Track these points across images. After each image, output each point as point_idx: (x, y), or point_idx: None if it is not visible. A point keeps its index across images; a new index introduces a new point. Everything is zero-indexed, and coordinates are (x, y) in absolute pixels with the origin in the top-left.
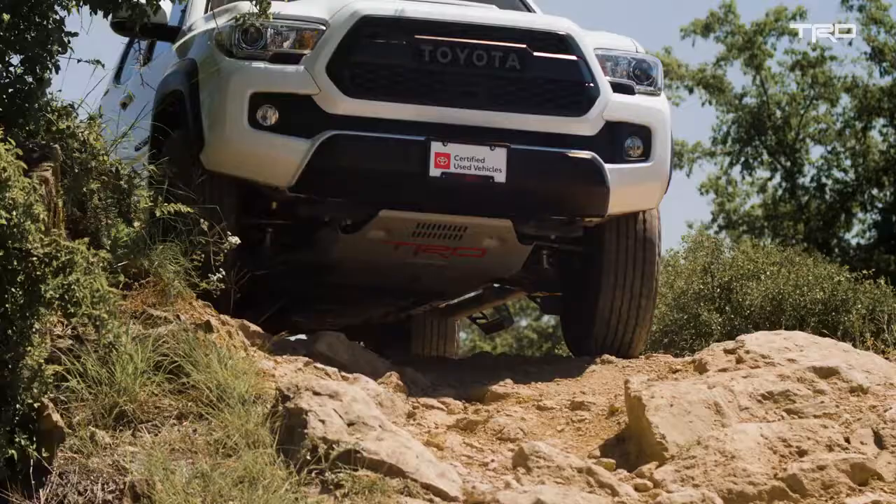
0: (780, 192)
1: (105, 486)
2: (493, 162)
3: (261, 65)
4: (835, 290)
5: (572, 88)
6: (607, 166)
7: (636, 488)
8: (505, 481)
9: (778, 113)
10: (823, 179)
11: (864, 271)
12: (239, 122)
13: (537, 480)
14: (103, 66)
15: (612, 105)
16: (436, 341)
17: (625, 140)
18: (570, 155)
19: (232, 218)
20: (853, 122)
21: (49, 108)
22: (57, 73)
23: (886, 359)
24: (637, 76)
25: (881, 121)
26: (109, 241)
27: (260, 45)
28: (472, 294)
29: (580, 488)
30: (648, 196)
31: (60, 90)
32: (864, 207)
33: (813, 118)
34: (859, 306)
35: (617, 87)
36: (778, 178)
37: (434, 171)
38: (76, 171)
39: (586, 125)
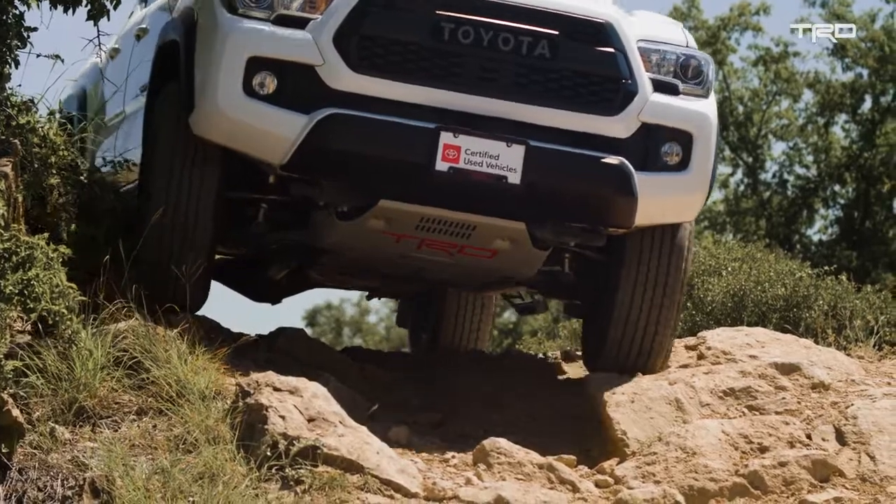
0: (741, 187)
1: (65, 481)
2: (507, 160)
3: (263, 26)
4: (796, 286)
5: (606, 84)
6: (637, 174)
7: (597, 484)
8: (466, 477)
9: (740, 108)
10: (785, 175)
11: (826, 267)
12: (233, 88)
13: (498, 477)
14: (62, 61)
15: (651, 105)
16: (471, 313)
17: (661, 146)
18: (596, 158)
19: (211, 197)
20: (815, 117)
21: (9, 103)
22: (17, 67)
23: (848, 355)
24: (683, 74)
25: (843, 116)
26: (69, 237)
27: (265, 2)
28: None
29: (541, 485)
30: (682, 209)
31: (20, 85)
32: (826, 203)
33: (775, 114)
34: (821, 302)
35: (659, 86)
36: (740, 173)
37: (440, 165)
38: (36, 166)
39: (618, 126)
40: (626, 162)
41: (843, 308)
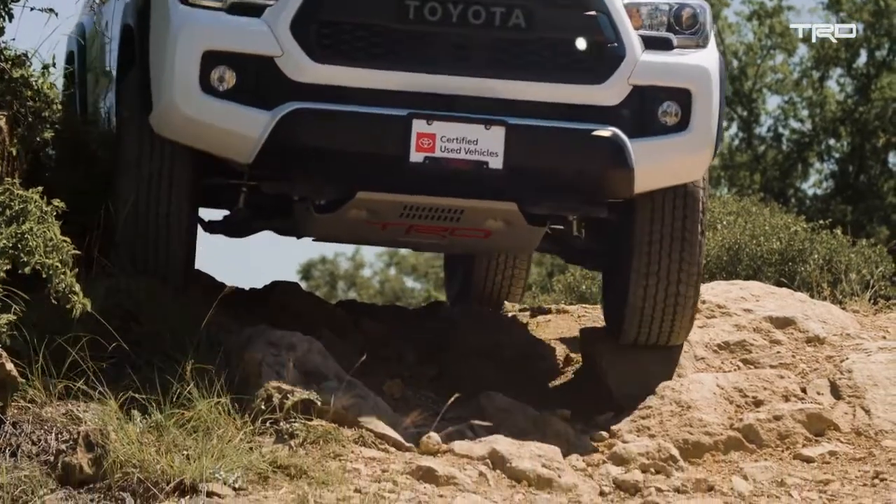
0: (736, 141)
1: (59, 435)
2: (487, 144)
3: (217, 16)
4: (791, 240)
5: (590, 50)
6: (632, 143)
7: (592, 439)
8: (460, 431)
9: (735, 63)
10: (780, 129)
11: (821, 221)
12: (190, 85)
13: (493, 431)
14: (56, 14)
15: (642, 66)
16: (503, 263)
17: (657, 107)
18: (585, 132)
19: (184, 185)
20: (810, 72)
21: (2, 57)
22: (10, 21)
23: (843, 309)
24: (677, 25)
25: (838, 71)
26: (64, 191)
27: None
28: None
29: (535, 438)
30: (685, 170)
31: (14, 39)
32: (821, 157)
33: (770, 68)
34: (816, 256)
35: (651, 42)
36: (735, 127)
37: (415, 156)
38: (30, 120)
39: (607, 93)
40: (619, 132)
41: (838, 262)
